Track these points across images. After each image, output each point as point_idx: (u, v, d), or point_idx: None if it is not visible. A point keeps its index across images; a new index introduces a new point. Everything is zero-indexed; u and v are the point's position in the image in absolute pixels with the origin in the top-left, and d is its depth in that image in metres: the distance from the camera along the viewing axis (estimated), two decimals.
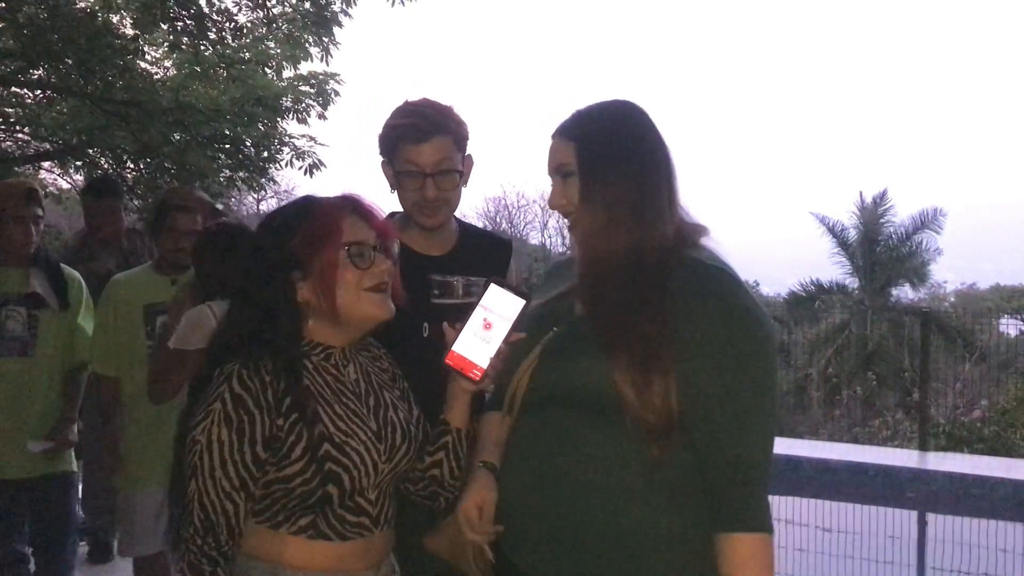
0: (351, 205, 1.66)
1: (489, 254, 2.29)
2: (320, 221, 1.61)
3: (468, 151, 2.16)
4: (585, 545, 1.55)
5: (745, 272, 1.75)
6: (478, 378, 1.64)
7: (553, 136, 1.69)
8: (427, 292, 2.12)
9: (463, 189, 2.16)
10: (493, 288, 1.66)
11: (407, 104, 2.13)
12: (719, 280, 1.55)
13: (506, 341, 1.64)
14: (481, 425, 1.76)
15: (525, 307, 1.65)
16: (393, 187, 2.15)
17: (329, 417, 1.58)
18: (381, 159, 2.17)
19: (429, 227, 2.15)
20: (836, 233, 20.97)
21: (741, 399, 1.50)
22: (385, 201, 2.08)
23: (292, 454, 1.54)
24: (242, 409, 1.52)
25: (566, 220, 1.68)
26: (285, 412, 1.55)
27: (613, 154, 1.61)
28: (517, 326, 1.64)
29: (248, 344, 1.59)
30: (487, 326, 1.64)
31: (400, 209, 2.20)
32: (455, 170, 2.09)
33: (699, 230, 1.66)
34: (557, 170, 1.67)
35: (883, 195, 21.45)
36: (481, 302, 1.65)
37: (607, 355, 1.52)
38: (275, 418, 1.54)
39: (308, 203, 1.67)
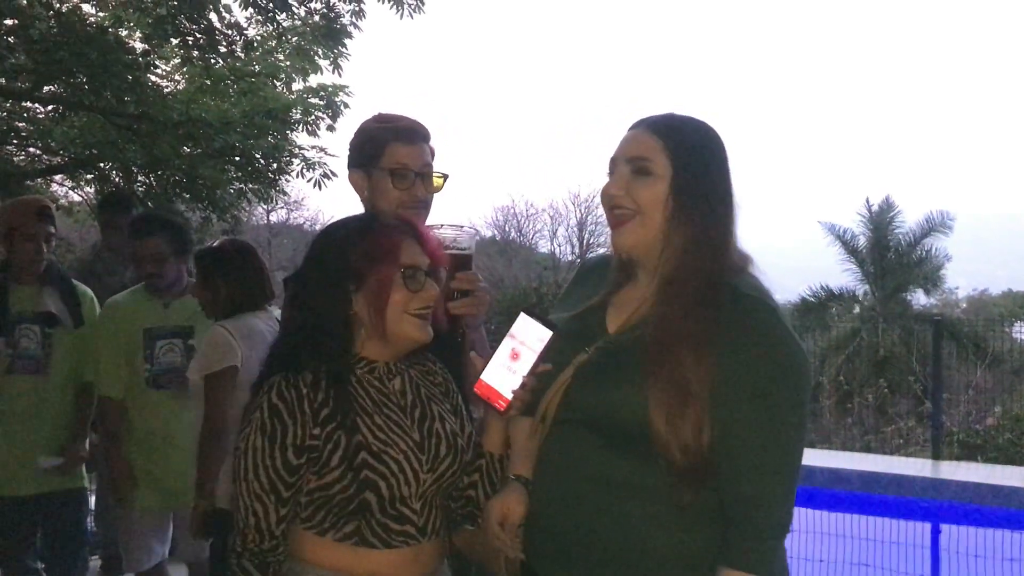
0: (410, 229, 1.74)
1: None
2: (381, 239, 1.69)
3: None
4: (607, 566, 1.56)
5: None
6: (503, 408, 1.67)
7: (637, 127, 1.64)
8: None
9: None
10: (522, 318, 1.67)
11: (384, 114, 2.22)
12: (763, 317, 1.53)
13: (532, 372, 1.65)
14: (514, 431, 1.77)
15: (553, 339, 1.65)
16: (362, 193, 2.19)
17: (368, 427, 1.65)
18: (353, 167, 2.20)
19: None
20: (845, 240, 20.90)
21: (771, 443, 1.50)
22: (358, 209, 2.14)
23: (330, 462, 1.61)
24: (277, 419, 1.60)
25: (614, 212, 1.63)
26: (322, 422, 1.62)
27: (714, 176, 1.61)
28: (544, 357, 1.65)
29: (299, 353, 1.66)
30: (515, 356, 1.66)
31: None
32: (440, 174, 2.20)
33: (745, 259, 1.65)
34: (632, 161, 1.61)
35: (887, 201, 21.37)
36: (511, 331, 1.67)
37: (646, 382, 1.51)
38: (311, 428, 1.61)
39: (372, 220, 1.76)
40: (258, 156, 9.49)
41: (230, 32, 8.84)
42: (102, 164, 9.84)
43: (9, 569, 3.39)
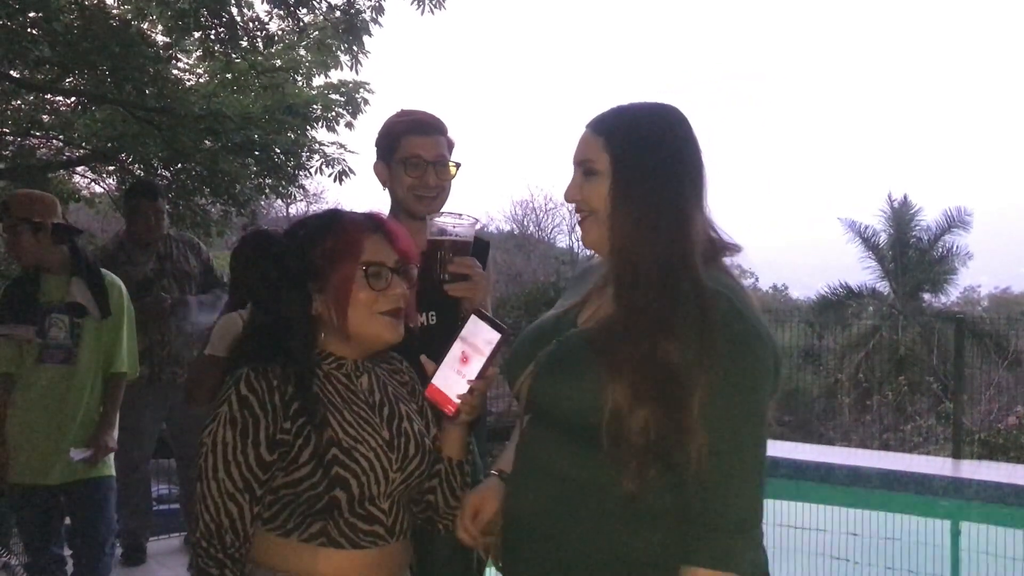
0: (376, 224, 1.67)
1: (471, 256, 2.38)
2: (342, 236, 1.63)
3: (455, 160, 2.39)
4: (559, 561, 1.53)
5: (774, 276, 1.73)
6: (452, 413, 1.63)
7: (586, 127, 1.64)
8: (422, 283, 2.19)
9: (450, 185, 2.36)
10: (473, 319, 1.64)
11: (405, 110, 2.38)
12: (721, 310, 1.47)
13: (480, 376, 1.61)
14: (515, 430, 1.76)
15: (501, 341, 1.61)
16: (385, 183, 2.36)
17: (338, 423, 1.59)
18: (377, 160, 2.38)
19: (422, 214, 2.29)
20: (865, 237, 20.76)
21: (727, 437, 1.45)
22: (376, 202, 2.21)
23: (300, 458, 1.55)
24: (247, 411, 1.53)
25: (577, 215, 1.65)
26: (292, 416, 1.56)
27: (648, 159, 1.55)
28: (492, 360, 1.62)
29: (262, 350, 1.61)
30: (464, 360, 1.62)
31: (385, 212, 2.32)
32: (453, 163, 2.33)
33: (721, 247, 1.60)
34: (580, 164, 1.62)
35: (905, 199, 21.23)
36: (461, 334, 1.64)
37: (586, 375, 1.49)
38: (281, 422, 1.55)
39: (334, 216, 1.69)
40: (278, 151, 9.53)
41: (251, 26, 8.88)
42: (123, 156, 9.92)
43: (36, 556, 3.44)
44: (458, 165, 2.34)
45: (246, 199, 9.66)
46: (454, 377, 1.62)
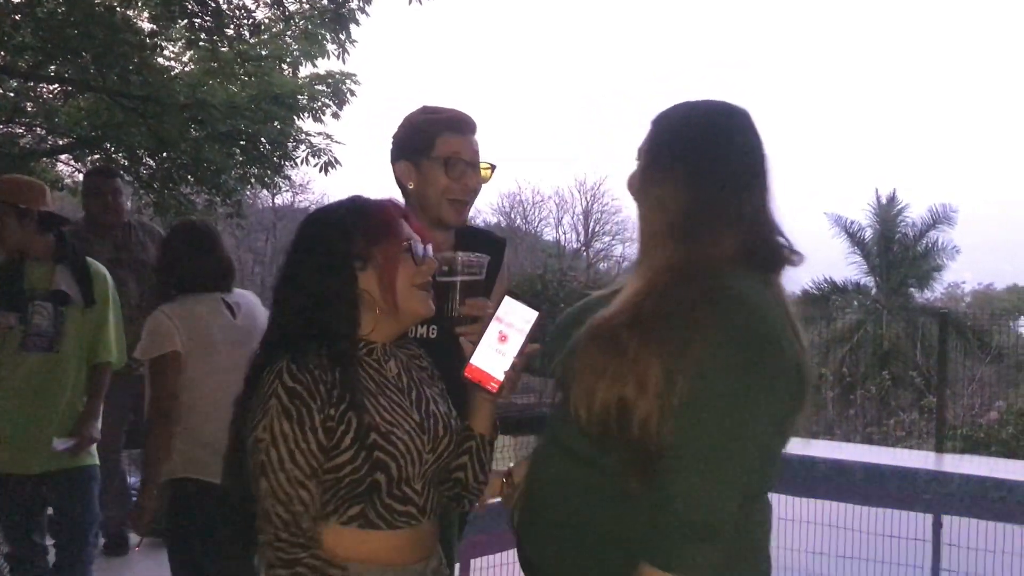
0: (397, 207, 1.77)
1: (485, 252, 2.30)
2: (381, 217, 1.71)
3: None
4: (552, 533, 1.60)
5: None
6: (495, 390, 1.69)
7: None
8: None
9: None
10: (507, 300, 1.69)
11: (430, 107, 2.22)
12: (722, 308, 1.42)
13: (521, 353, 1.67)
14: None
15: (539, 319, 1.66)
16: (408, 184, 2.20)
17: (374, 408, 1.65)
18: (399, 159, 2.22)
19: (455, 223, 2.22)
20: (851, 232, 20.88)
21: (703, 439, 1.39)
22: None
23: (342, 443, 1.60)
24: (298, 400, 1.58)
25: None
26: (335, 402, 1.61)
27: (672, 154, 1.52)
28: (532, 337, 1.67)
29: (303, 336, 1.65)
30: (503, 339, 1.67)
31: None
32: (487, 165, 2.21)
33: (773, 255, 1.52)
34: (637, 153, 1.62)
35: (893, 195, 21.38)
36: (496, 314, 1.69)
37: (604, 364, 1.47)
38: (328, 408, 1.60)
39: (363, 201, 1.76)
40: (263, 141, 9.49)
41: (238, 15, 8.82)
42: (107, 145, 9.84)
43: (18, 546, 3.41)
44: (493, 167, 2.22)
45: (231, 189, 9.61)
46: (494, 356, 1.67)
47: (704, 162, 1.50)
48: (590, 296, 1.76)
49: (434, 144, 2.16)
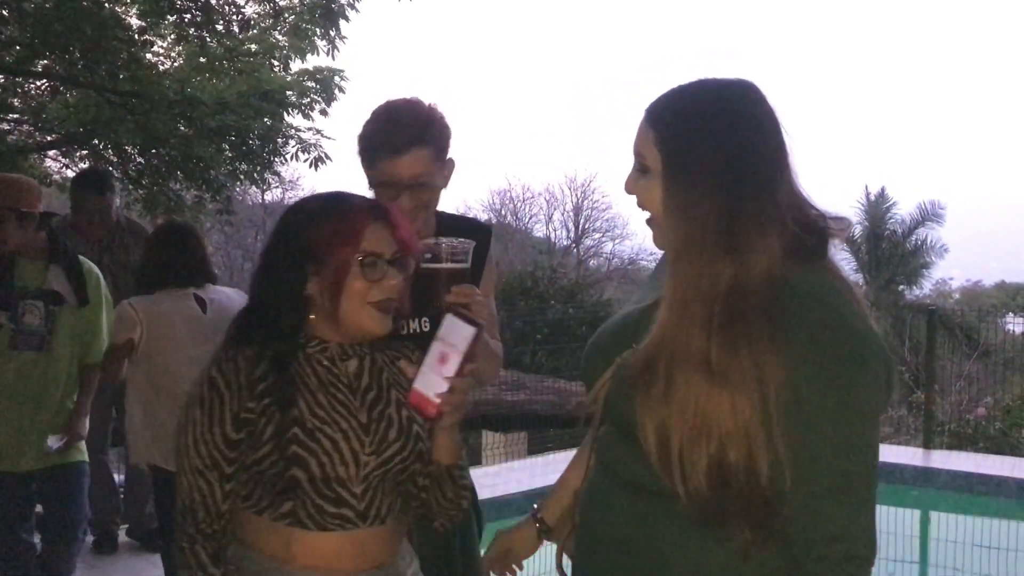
0: (379, 212, 1.66)
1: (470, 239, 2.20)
2: (344, 222, 1.61)
3: (450, 153, 2.08)
4: (627, 573, 1.43)
5: None
6: (433, 414, 1.59)
7: (644, 111, 1.42)
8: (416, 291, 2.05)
9: (443, 189, 2.10)
10: (448, 318, 1.60)
11: (384, 109, 2.04)
12: (812, 320, 1.27)
13: (458, 374, 1.57)
14: (573, 460, 1.70)
15: (476, 336, 1.57)
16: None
17: (307, 404, 1.60)
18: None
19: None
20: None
21: (837, 462, 1.25)
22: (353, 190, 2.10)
23: (263, 436, 1.57)
24: (214, 391, 1.58)
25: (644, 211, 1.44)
26: (259, 395, 1.58)
27: (708, 158, 1.31)
28: (468, 357, 1.57)
29: (250, 330, 1.64)
30: (443, 360, 1.58)
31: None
32: (431, 183, 2.03)
33: (819, 232, 1.38)
34: (636, 156, 1.41)
35: (883, 192, 21.47)
36: (438, 334, 1.60)
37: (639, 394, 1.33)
38: (246, 401, 1.58)
39: (339, 199, 1.68)
40: (253, 137, 9.45)
41: (227, 10, 8.78)
42: (96, 142, 9.78)
43: (6, 543, 3.40)
44: (438, 186, 2.04)
45: (220, 185, 9.57)
46: (433, 378, 1.58)
47: (737, 162, 1.30)
48: (628, 309, 1.56)
49: (372, 163, 2.02)
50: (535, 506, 1.71)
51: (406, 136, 1.96)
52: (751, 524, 1.27)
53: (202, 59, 9.13)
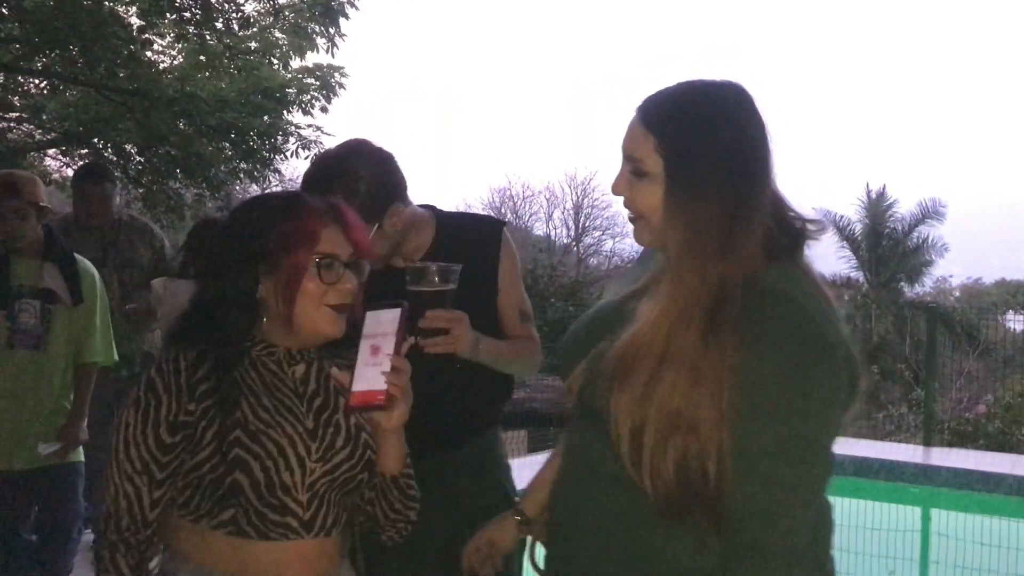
0: (335, 214, 1.60)
1: (475, 241, 2.17)
2: (300, 223, 1.55)
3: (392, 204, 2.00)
4: (593, 561, 1.45)
5: None
6: (383, 402, 1.52)
7: (636, 112, 1.41)
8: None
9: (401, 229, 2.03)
10: (369, 315, 1.56)
11: (309, 176, 2.02)
12: (779, 316, 1.29)
13: (396, 353, 1.53)
14: (553, 452, 1.70)
15: (403, 312, 1.54)
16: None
17: (251, 407, 1.53)
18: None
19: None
20: (841, 227, 20.96)
21: (777, 455, 1.27)
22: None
23: (203, 439, 1.51)
24: (151, 393, 1.51)
25: (628, 212, 1.45)
26: (199, 398, 1.51)
27: (711, 163, 1.33)
28: (402, 334, 1.53)
29: (196, 330, 1.56)
30: (375, 351, 1.54)
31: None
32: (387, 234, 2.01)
33: (796, 234, 1.38)
34: (629, 159, 1.40)
35: (883, 190, 21.49)
36: (363, 333, 1.56)
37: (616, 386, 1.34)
38: (186, 403, 1.51)
39: (294, 200, 1.62)
40: (253, 134, 9.45)
41: (227, 8, 8.78)
42: (96, 140, 9.79)
43: (3, 542, 3.39)
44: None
45: (220, 183, 9.58)
46: (369, 372, 1.52)
47: (739, 166, 1.33)
48: (604, 301, 1.58)
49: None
50: (516, 499, 1.73)
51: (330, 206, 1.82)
52: (708, 514, 1.30)
53: (202, 57, 9.14)
